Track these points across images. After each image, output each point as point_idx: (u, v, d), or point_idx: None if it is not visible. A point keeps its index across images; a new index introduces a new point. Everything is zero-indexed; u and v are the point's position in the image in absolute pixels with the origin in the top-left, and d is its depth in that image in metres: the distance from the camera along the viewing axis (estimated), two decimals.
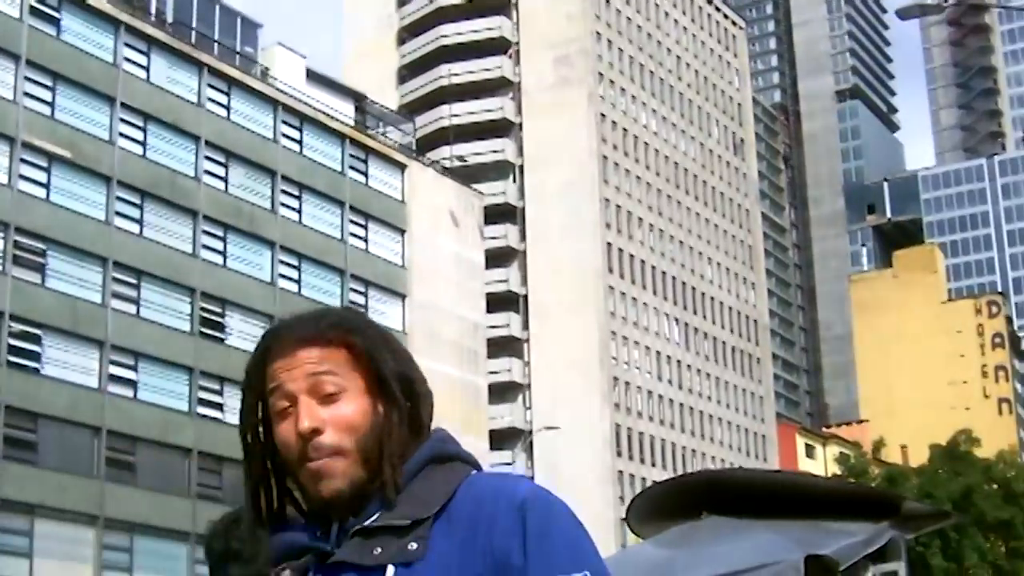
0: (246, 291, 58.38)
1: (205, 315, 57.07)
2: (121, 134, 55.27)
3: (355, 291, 65.17)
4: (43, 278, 50.99)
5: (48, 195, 51.90)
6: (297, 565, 2.33)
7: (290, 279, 61.98)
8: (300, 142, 64.75)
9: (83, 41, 54.67)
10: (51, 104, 52.95)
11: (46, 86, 52.85)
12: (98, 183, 53.87)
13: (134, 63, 56.77)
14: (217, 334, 57.41)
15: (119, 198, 54.49)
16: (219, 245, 58.71)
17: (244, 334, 57.43)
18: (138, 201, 55.39)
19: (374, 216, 67.65)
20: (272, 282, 60.72)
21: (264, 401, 2.37)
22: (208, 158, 59.19)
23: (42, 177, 51.90)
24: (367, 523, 2.28)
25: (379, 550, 2.25)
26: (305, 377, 2.31)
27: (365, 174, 68.26)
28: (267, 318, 59.20)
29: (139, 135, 56.31)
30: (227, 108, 61.03)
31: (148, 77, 57.30)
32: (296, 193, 63.57)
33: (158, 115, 56.98)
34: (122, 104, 55.40)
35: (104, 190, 54.03)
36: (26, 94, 51.84)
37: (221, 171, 59.93)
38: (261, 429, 2.39)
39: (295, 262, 62.40)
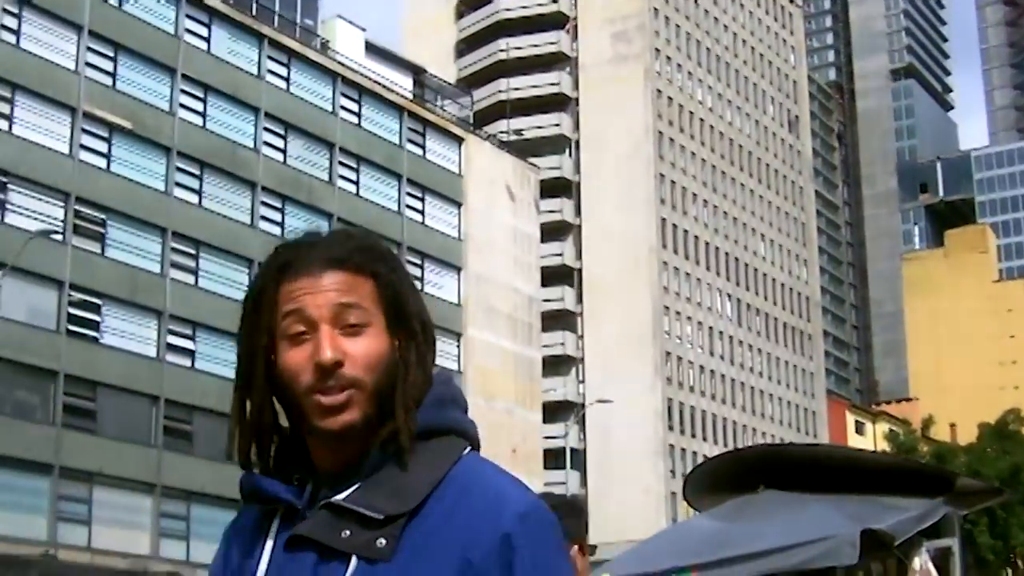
0: None
1: None
2: (181, 105, 54.87)
3: (411, 263, 64.64)
4: (103, 248, 50.68)
5: (109, 165, 51.51)
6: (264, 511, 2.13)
7: None
8: (358, 114, 64.21)
9: (145, 12, 54.18)
10: (112, 75, 52.49)
11: (108, 56, 52.40)
12: (158, 153, 53.47)
13: (195, 34, 56.30)
14: None
15: (179, 168, 54.11)
16: (277, 216, 58.18)
17: None
18: (197, 172, 55.00)
19: (431, 189, 67.07)
20: None
21: (272, 322, 2.10)
22: (267, 129, 58.75)
23: (103, 147, 51.54)
24: (340, 498, 2.04)
25: (347, 534, 2.02)
26: (330, 305, 2.07)
27: (423, 147, 67.69)
28: None
29: (199, 106, 55.88)
30: (287, 80, 60.54)
31: (209, 48, 56.83)
32: (354, 165, 63.11)
33: (218, 86, 56.53)
34: (183, 75, 54.97)
35: (164, 160, 53.63)
36: (88, 64, 51.39)
37: (280, 143, 59.51)
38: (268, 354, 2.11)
39: None
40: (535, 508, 2.07)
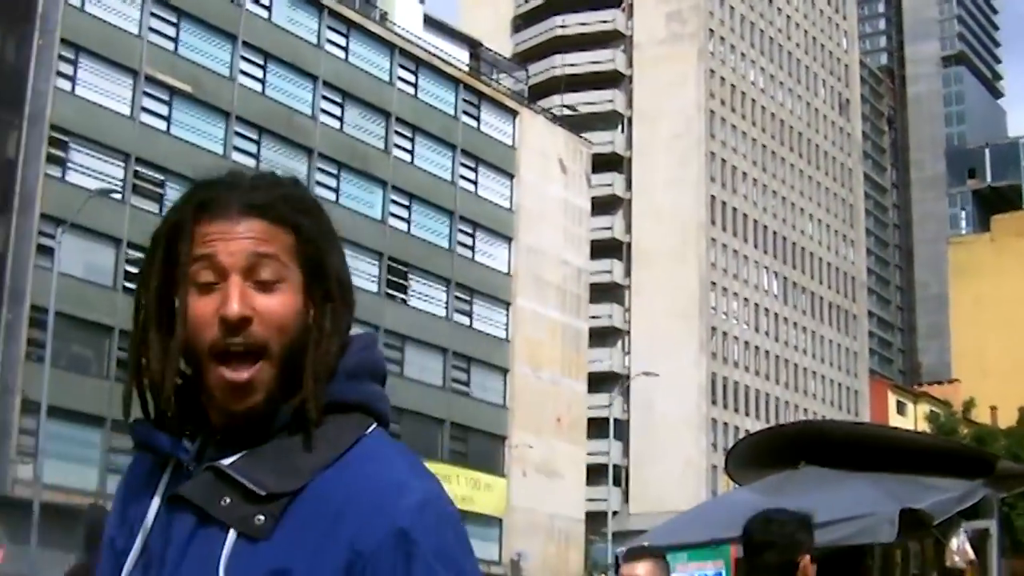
0: (356, 229, 57.80)
1: None
2: (241, 71, 54.88)
3: (463, 232, 64.54)
4: (160, 208, 50.47)
5: (168, 128, 51.53)
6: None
7: (400, 218, 61.43)
8: (415, 85, 63.91)
9: None
10: (175, 40, 52.47)
11: (170, 22, 52.33)
12: (217, 118, 53.47)
13: (257, 2, 56.20)
14: None
15: (237, 133, 54.13)
16: (332, 183, 58.07)
17: (355, 271, 56.24)
18: (255, 137, 54.95)
19: (484, 160, 66.74)
20: (383, 220, 60.16)
21: (174, 264, 1.88)
22: (325, 97, 58.59)
23: (163, 110, 51.58)
24: (225, 463, 1.83)
25: (227, 501, 1.82)
26: (245, 253, 1.85)
27: (477, 119, 67.32)
28: (376, 255, 58.73)
29: (259, 73, 55.83)
30: (345, 50, 60.30)
31: (270, 16, 56.66)
32: (409, 135, 62.84)
33: (278, 54, 56.42)
34: (243, 42, 54.83)
35: (223, 125, 53.65)
36: (151, 29, 51.37)
37: (337, 111, 59.36)
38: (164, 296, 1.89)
39: (406, 202, 61.80)
40: (434, 498, 1.86)
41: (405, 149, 62.63)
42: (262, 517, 1.81)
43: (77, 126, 47.71)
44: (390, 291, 60.05)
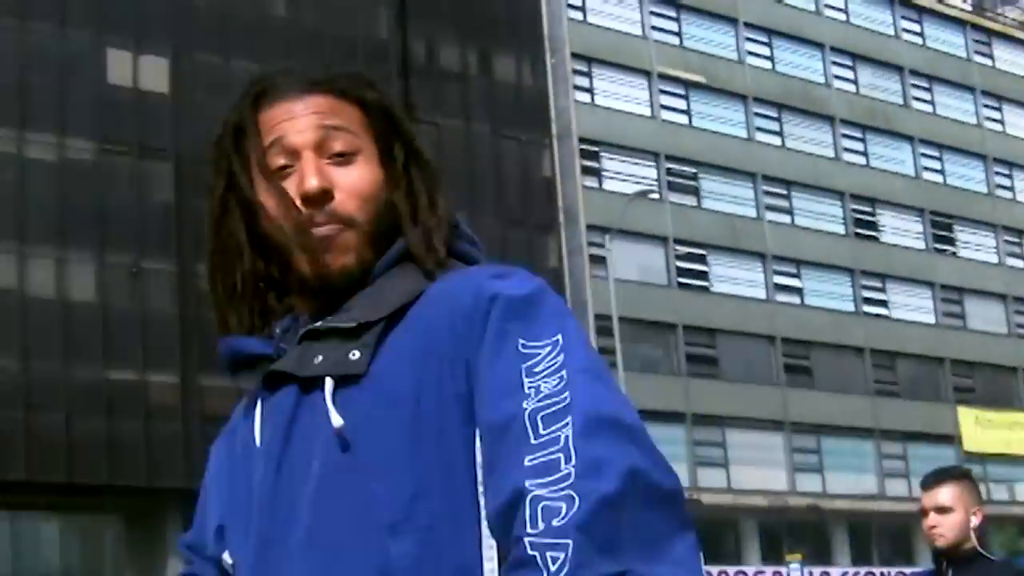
0: (893, 188, 54.47)
1: (857, 216, 53.53)
2: (749, 52, 52.86)
3: (999, 174, 59.81)
4: (698, 200, 49.50)
5: (690, 121, 50.22)
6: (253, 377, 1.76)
7: (934, 171, 57.52)
8: (921, 34, 59.71)
9: None
10: (679, 34, 51.11)
11: (671, 17, 51.01)
12: (735, 103, 51.78)
13: None
14: (871, 233, 53.95)
15: (757, 114, 52.15)
16: (859, 147, 55.12)
17: (897, 230, 54.76)
18: (775, 115, 52.85)
19: (1007, 97, 61.64)
20: (916, 176, 56.46)
21: (243, 159, 1.74)
22: (835, 63, 55.68)
23: (681, 105, 50.34)
24: (317, 324, 1.69)
25: (320, 359, 1.66)
26: (314, 128, 1.71)
27: (991, 56, 62.28)
28: (918, 212, 55.35)
29: (766, 51, 53.73)
30: (845, 11, 57.00)
31: None
32: (926, 85, 58.85)
33: (781, 28, 53.96)
34: (745, 23, 52.69)
35: (741, 108, 51.91)
36: (654, 28, 50.34)
37: (849, 74, 56.38)
38: (246, 195, 1.74)
39: (936, 153, 57.74)
40: (537, 286, 1.63)
41: (924, 100, 58.62)
42: (356, 353, 1.63)
43: (603, 135, 47.14)
44: (938, 245, 56.08)
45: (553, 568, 1.41)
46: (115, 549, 37.73)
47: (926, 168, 56.96)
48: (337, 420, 1.60)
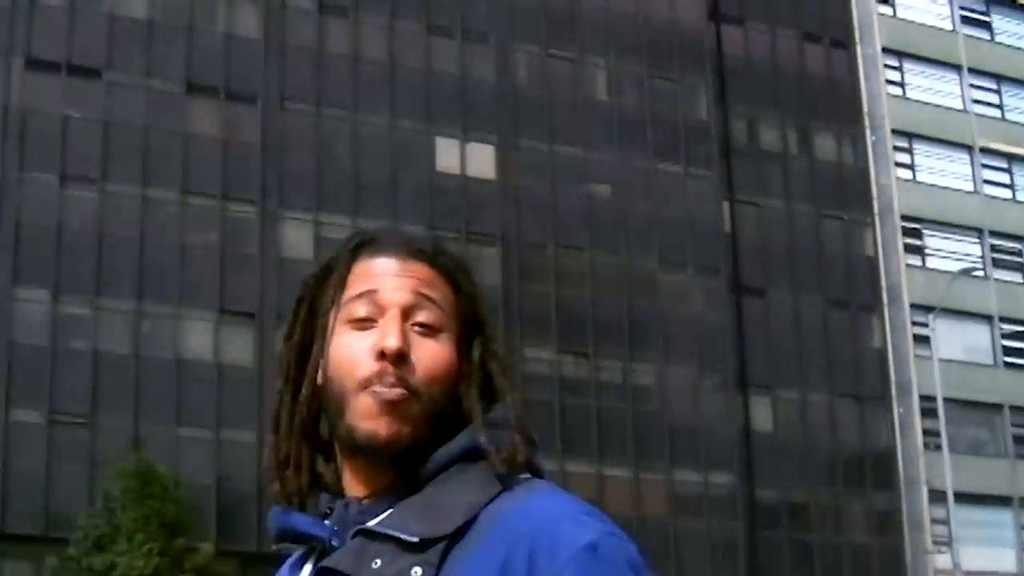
0: None
1: None
2: None
3: None
4: (1023, 276, 47.34)
5: (1014, 195, 48.89)
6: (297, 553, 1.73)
7: None
8: None
9: (1018, 39, 50.50)
10: (999, 106, 49.61)
11: (991, 89, 49.47)
12: None
13: None
14: None
15: None
16: None
17: None
18: None
19: None
20: None
21: (329, 301, 1.72)
22: None
23: (1004, 179, 48.85)
24: (372, 524, 1.62)
25: (378, 563, 1.59)
26: (409, 292, 1.68)
27: None
28: None
29: None
30: None
31: None
32: None
33: None
34: None
35: None
36: (974, 101, 49.16)
37: None
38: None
39: None
40: (605, 539, 1.55)
41: None
42: (418, 569, 1.55)
43: (925, 212, 46.35)
44: None
45: None
46: None
47: None
48: None
